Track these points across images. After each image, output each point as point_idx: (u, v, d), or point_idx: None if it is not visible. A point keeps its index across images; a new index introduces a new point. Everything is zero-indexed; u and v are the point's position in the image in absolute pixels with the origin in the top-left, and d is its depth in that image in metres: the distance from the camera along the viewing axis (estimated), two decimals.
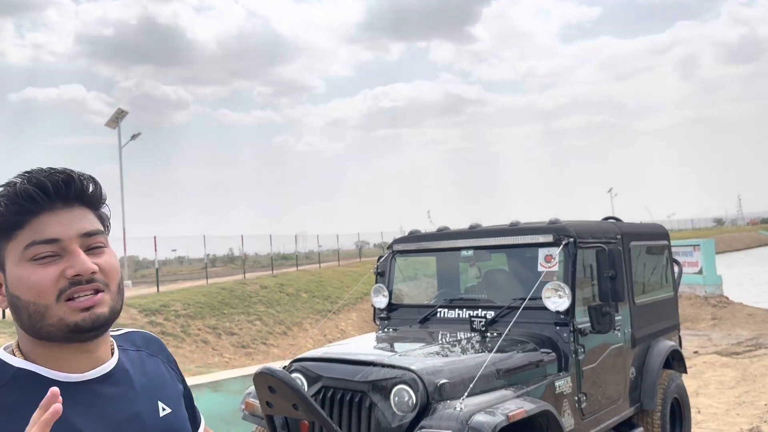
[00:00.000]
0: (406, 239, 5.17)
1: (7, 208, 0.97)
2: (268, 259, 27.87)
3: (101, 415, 0.99)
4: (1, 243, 0.98)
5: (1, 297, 1.00)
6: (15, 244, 0.97)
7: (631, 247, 5.01)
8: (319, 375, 3.59)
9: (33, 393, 0.94)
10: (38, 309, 0.97)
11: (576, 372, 4.05)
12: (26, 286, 0.97)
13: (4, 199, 0.97)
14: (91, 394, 1.00)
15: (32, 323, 0.98)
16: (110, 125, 23.34)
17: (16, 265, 0.97)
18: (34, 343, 1.00)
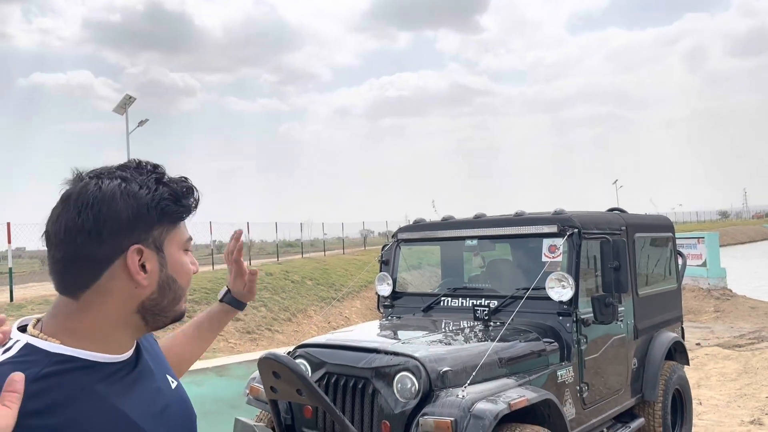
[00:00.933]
0: (411, 228, 5.19)
1: (187, 200, 1.07)
2: (274, 247, 27.94)
3: (135, 393, 1.05)
4: (167, 228, 1.05)
5: (142, 276, 1.01)
6: (178, 233, 1.08)
7: (635, 238, 5.02)
8: (323, 361, 3.63)
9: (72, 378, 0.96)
10: (181, 294, 1.09)
11: (578, 362, 4.07)
12: (184, 272, 1.09)
13: (185, 190, 1.07)
14: (122, 375, 1.05)
15: (169, 306, 1.07)
16: (118, 111, 23.37)
17: (178, 252, 1.08)
18: (100, 323, 1.01)
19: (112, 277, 1.00)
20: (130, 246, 1.00)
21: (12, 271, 12.84)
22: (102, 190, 0.99)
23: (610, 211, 5.28)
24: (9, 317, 3.37)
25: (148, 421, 1.03)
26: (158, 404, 1.08)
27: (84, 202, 0.98)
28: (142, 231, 1.01)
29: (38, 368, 0.93)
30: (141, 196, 1.01)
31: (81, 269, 0.99)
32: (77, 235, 0.98)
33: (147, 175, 1.04)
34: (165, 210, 1.03)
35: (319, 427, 3.59)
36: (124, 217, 0.99)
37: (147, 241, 1.02)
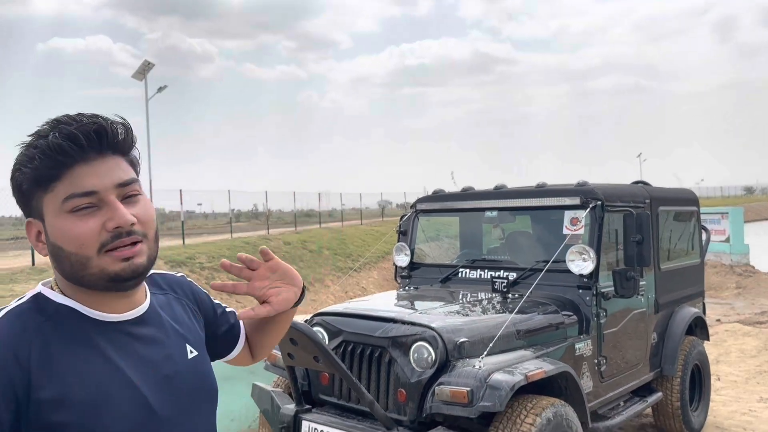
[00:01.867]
0: (430, 198, 5.14)
1: (41, 161, 0.98)
2: (292, 216, 28.05)
3: (136, 354, 1.05)
4: (38, 194, 1.00)
5: (41, 244, 1.03)
6: (52, 197, 0.99)
7: (659, 212, 4.93)
8: (340, 329, 3.63)
9: (73, 327, 1.01)
10: (80, 260, 1.00)
11: (597, 335, 4.03)
12: (68, 238, 0.99)
13: (37, 152, 0.98)
14: (126, 334, 1.05)
15: (74, 272, 1.01)
16: (137, 77, 23.39)
17: (56, 217, 0.99)
18: (74, 287, 1.04)
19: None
20: (28, 217, 1.03)
21: None
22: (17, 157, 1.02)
23: (634, 184, 5.18)
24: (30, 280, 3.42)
25: (146, 382, 1.03)
26: (165, 370, 1.07)
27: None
28: (27, 202, 1.02)
29: (42, 317, 0.99)
30: (22, 161, 1.00)
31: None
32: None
33: (35, 134, 1.01)
34: (18, 180, 1.01)
35: (335, 394, 3.62)
36: (17, 182, 1.02)
37: (32, 211, 1.02)
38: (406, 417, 3.26)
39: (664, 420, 4.90)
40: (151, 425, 1.02)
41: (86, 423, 0.95)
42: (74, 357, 0.98)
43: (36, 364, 0.94)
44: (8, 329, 0.96)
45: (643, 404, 4.50)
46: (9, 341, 0.95)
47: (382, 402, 3.36)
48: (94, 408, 0.96)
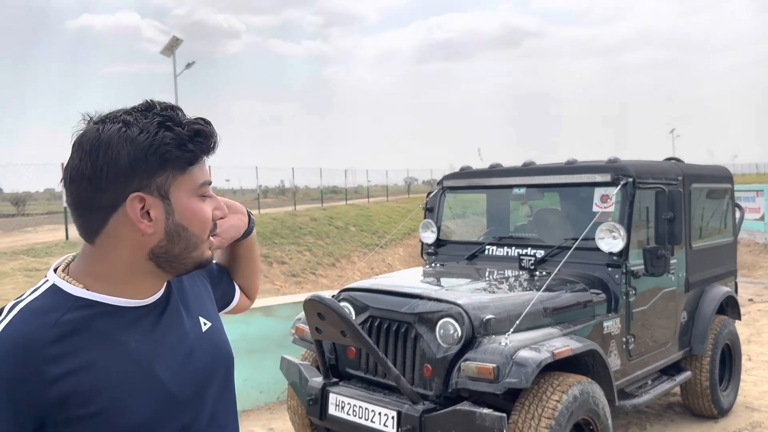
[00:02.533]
0: (457, 175, 5.11)
1: (198, 145, 1.01)
2: (318, 192, 28.20)
3: (154, 339, 1.05)
4: (173, 174, 1.00)
5: (146, 222, 0.99)
6: (189, 179, 1.02)
7: (692, 189, 4.83)
8: (367, 305, 3.66)
9: (92, 319, 0.99)
10: (196, 242, 1.04)
11: (626, 313, 4.00)
12: (198, 220, 1.04)
13: (192, 134, 1.00)
14: (144, 320, 1.05)
15: (183, 254, 1.04)
16: (165, 53, 23.54)
17: (189, 199, 1.02)
18: (117, 268, 1.02)
19: (119, 224, 0.99)
20: (131, 193, 0.97)
21: (67, 211, 13.31)
22: (101, 136, 0.96)
23: (666, 160, 5.08)
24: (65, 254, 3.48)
25: (166, 366, 1.04)
26: (182, 350, 1.08)
27: (83, 149, 0.97)
28: (143, 178, 0.98)
29: (59, 313, 0.96)
30: (139, 141, 0.96)
31: (88, 215, 1.00)
32: (79, 182, 0.97)
33: (151, 119, 0.99)
34: (165, 156, 0.98)
35: (362, 368, 3.66)
36: (121, 163, 0.96)
37: (149, 188, 0.98)
38: (431, 392, 3.28)
39: (693, 399, 4.86)
40: (171, 410, 1.03)
41: (111, 414, 0.96)
42: (96, 349, 0.97)
43: (56, 363, 0.93)
44: (26, 328, 0.94)
45: (671, 383, 4.47)
46: (26, 342, 0.93)
47: (407, 377, 3.38)
48: (119, 398, 0.97)
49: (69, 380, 0.93)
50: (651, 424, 4.87)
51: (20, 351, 0.91)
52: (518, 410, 3.12)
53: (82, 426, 0.95)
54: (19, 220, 18.97)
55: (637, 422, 4.90)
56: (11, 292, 8.70)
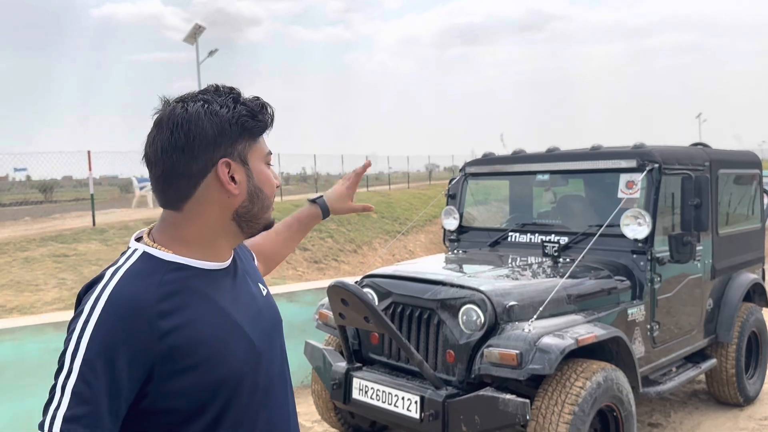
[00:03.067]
0: (480, 162, 5.09)
1: (264, 117, 1.17)
2: (339, 179, 28.20)
3: (234, 297, 1.18)
4: (249, 142, 1.15)
5: (233, 184, 1.13)
6: (259, 148, 1.17)
7: (719, 175, 4.76)
8: (390, 291, 3.68)
9: (187, 280, 1.11)
10: (269, 204, 1.20)
11: (650, 301, 3.97)
12: (269, 184, 1.19)
13: (261, 107, 1.16)
14: (225, 280, 1.18)
15: (259, 213, 1.19)
16: (188, 41, 23.65)
17: (260, 164, 1.18)
18: (203, 231, 1.14)
19: (207, 188, 1.12)
20: (219, 159, 1.11)
21: (93, 198, 13.54)
22: (189, 111, 1.10)
23: (693, 146, 5.00)
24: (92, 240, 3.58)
25: (246, 322, 1.17)
26: (254, 308, 1.22)
27: (175, 123, 1.09)
28: (227, 146, 1.12)
29: (159, 275, 1.08)
30: (222, 114, 1.11)
31: (180, 183, 1.11)
32: (172, 152, 1.09)
33: (225, 96, 1.13)
34: (245, 125, 1.13)
35: (385, 353, 3.69)
36: (210, 133, 1.10)
37: (233, 155, 1.13)
38: (454, 377, 3.30)
39: (718, 387, 4.82)
40: (255, 359, 1.17)
41: (211, 364, 1.08)
42: (195, 308, 1.08)
43: (164, 318, 1.04)
44: (132, 289, 1.04)
45: (696, 370, 4.43)
46: (136, 301, 1.03)
47: (430, 362, 3.41)
48: (217, 350, 1.09)
49: (176, 334, 1.04)
50: (675, 412, 4.84)
51: (133, 309, 1.02)
52: (541, 396, 3.13)
53: (185, 376, 1.05)
54: (46, 207, 19.33)
55: (661, 409, 4.88)
56: (41, 278, 8.90)
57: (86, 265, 9.70)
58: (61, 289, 8.49)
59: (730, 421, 4.63)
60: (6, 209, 18.89)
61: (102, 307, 1.02)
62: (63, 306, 7.76)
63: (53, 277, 8.98)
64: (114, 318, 1.01)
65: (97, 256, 10.29)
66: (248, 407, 1.15)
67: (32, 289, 8.43)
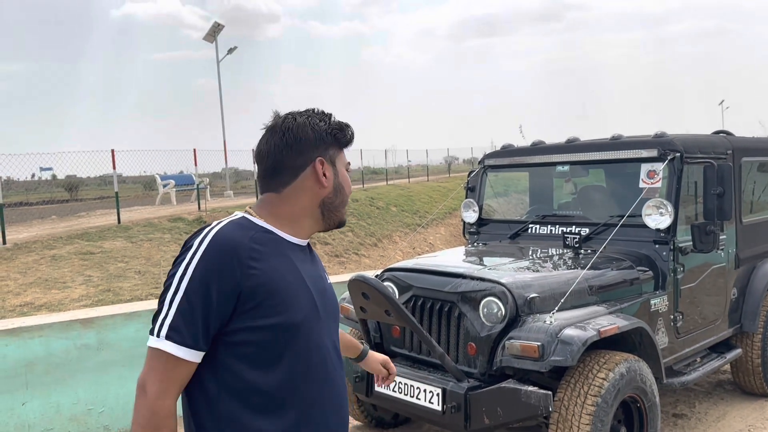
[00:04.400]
0: (499, 154, 5.08)
1: (349, 132, 1.51)
2: (359, 174, 28.28)
3: (307, 268, 1.47)
4: (336, 149, 1.50)
5: (325, 178, 1.46)
6: (342, 156, 1.52)
7: (742, 163, 4.69)
8: (410, 284, 3.70)
9: (273, 241, 1.41)
10: (346, 200, 1.53)
11: (674, 291, 3.94)
12: (348, 185, 1.54)
13: (344, 125, 1.50)
14: (302, 254, 1.48)
15: (339, 206, 1.51)
16: (208, 39, 23.81)
17: (342, 168, 1.52)
18: (295, 210, 1.46)
19: (305, 178, 1.45)
20: (317, 158, 1.45)
21: (118, 195, 13.73)
22: (297, 121, 1.46)
23: (715, 134, 4.94)
24: (117, 238, 3.67)
25: (314, 289, 1.44)
26: (322, 284, 1.50)
27: (287, 128, 1.45)
28: (323, 149, 1.47)
29: (253, 231, 1.38)
30: (321, 126, 1.47)
31: (286, 172, 1.45)
32: (283, 149, 1.44)
33: (322, 115, 1.49)
34: (336, 136, 1.49)
35: (406, 346, 3.71)
36: (312, 138, 1.45)
37: (326, 156, 1.47)
38: (476, 370, 3.31)
39: (744, 377, 4.77)
40: (316, 320, 1.42)
41: (283, 307, 1.35)
42: (276, 260, 1.37)
43: (253, 260, 1.33)
44: (232, 234, 1.35)
45: (721, 360, 4.39)
46: (234, 242, 1.33)
47: (452, 355, 3.42)
48: (289, 298, 1.36)
49: (262, 275, 1.33)
50: (700, 402, 4.80)
51: (231, 247, 1.32)
52: (564, 388, 3.13)
53: (262, 312, 1.32)
54: (72, 206, 19.65)
55: (685, 400, 4.84)
56: (68, 275, 9.07)
57: (112, 262, 9.86)
58: (87, 286, 8.65)
59: (757, 412, 4.58)
60: (33, 208, 19.25)
61: (207, 243, 1.32)
62: (90, 303, 7.91)
63: (80, 275, 9.14)
64: (215, 253, 1.30)
65: (123, 253, 10.45)
66: (308, 358, 1.40)
67: (60, 286, 8.60)
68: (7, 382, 3.96)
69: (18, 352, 4.02)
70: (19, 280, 8.73)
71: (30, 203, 21.66)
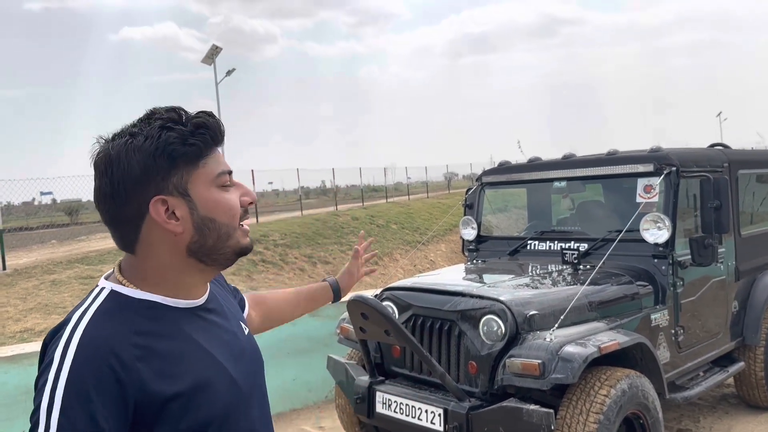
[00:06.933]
0: (496, 171, 5.09)
1: (202, 137, 1.04)
2: (359, 192, 28.34)
3: (213, 335, 1.10)
4: (186, 170, 1.03)
5: (174, 222, 1.02)
6: (204, 172, 1.04)
7: (739, 175, 4.70)
8: (410, 303, 3.69)
9: (161, 319, 1.04)
10: (228, 231, 1.07)
11: (674, 305, 3.93)
12: (223, 209, 1.06)
13: (194, 128, 1.03)
14: (202, 318, 1.10)
15: (217, 245, 1.07)
16: (206, 62, 24.03)
17: (208, 190, 1.05)
18: (163, 272, 1.06)
19: (150, 230, 1.03)
20: (151, 199, 1.01)
21: None
22: (110, 153, 1.01)
23: (711, 146, 4.96)
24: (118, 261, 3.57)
25: (228, 361, 1.09)
26: (236, 347, 1.14)
27: (99, 169, 1.02)
28: (158, 181, 1.01)
29: (131, 314, 1.00)
30: (145, 148, 1.00)
31: (121, 229, 1.05)
32: (104, 200, 1.03)
33: (152, 124, 1.02)
34: (173, 155, 1.01)
35: (407, 366, 3.69)
36: (134, 173, 1.00)
37: (167, 189, 1.02)
38: (477, 389, 3.30)
39: (747, 390, 4.74)
40: (239, 400, 1.09)
41: (197, 407, 1.00)
42: (173, 348, 1.01)
43: (141, 359, 0.96)
44: (104, 331, 0.97)
45: (724, 374, 4.36)
46: (109, 344, 0.95)
47: (452, 374, 3.41)
48: (201, 392, 1.01)
49: (155, 376, 0.97)
50: (704, 417, 4.77)
51: (107, 353, 0.94)
52: (566, 406, 3.11)
53: (169, 419, 0.98)
54: (72, 230, 19.68)
55: (690, 415, 4.81)
56: (68, 300, 9.06)
57: None
58: None
59: (762, 425, 4.55)
60: (33, 233, 19.26)
61: (73, 353, 0.93)
62: None
63: (80, 299, 9.12)
64: (87, 365, 0.92)
65: None
66: None
67: (60, 311, 8.58)
68: (7, 409, 3.94)
69: (18, 379, 4.01)
70: (20, 306, 8.71)
71: (30, 228, 21.68)
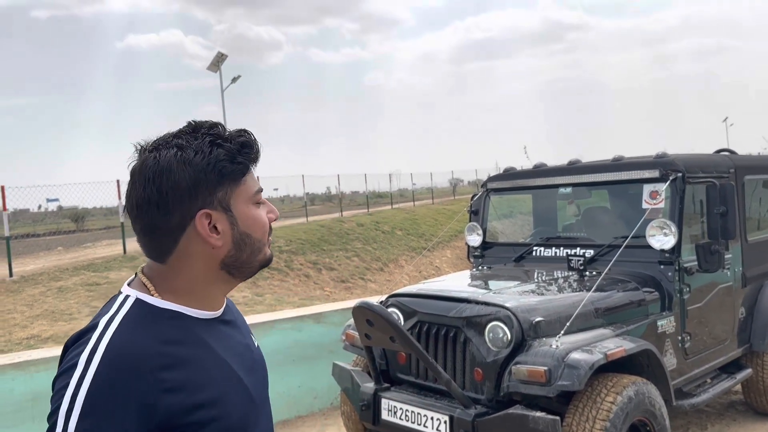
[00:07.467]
0: (501, 177, 5.09)
1: (247, 156, 1.08)
2: (364, 198, 28.37)
3: (229, 346, 1.12)
4: (230, 187, 1.07)
5: (215, 235, 1.06)
6: (242, 190, 1.08)
7: (745, 181, 4.69)
8: (415, 310, 3.69)
9: (184, 329, 1.05)
10: (260, 246, 1.12)
11: (680, 311, 3.91)
12: (258, 225, 1.11)
13: (240, 147, 1.07)
14: (219, 330, 1.13)
15: (249, 258, 1.11)
16: (212, 69, 24.12)
17: (247, 207, 1.09)
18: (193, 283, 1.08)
19: (189, 242, 1.05)
20: (197, 212, 1.04)
21: (124, 226, 13.80)
22: (159, 163, 1.02)
23: (718, 152, 4.95)
24: (123, 268, 3.70)
25: (244, 373, 1.12)
26: (249, 359, 1.17)
27: (146, 177, 1.02)
28: (205, 195, 1.04)
29: (158, 324, 1.02)
30: (197, 162, 1.03)
31: (159, 238, 1.05)
32: (147, 208, 1.03)
33: (201, 139, 1.05)
34: (222, 171, 1.04)
35: (412, 373, 3.69)
36: (184, 185, 1.02)
37: (212, 204, 1.05)
38: (483, 396, 3.29)
39: (755, 397, 4.71)
40: (253, 411, 1.11)
41: (218, 417, 1.02)
42: (197, 358, 1.03)
43: (168, 369, 0.98)
44: (132, 339, 0.98)
45: (731, 381, 4.34)
46: (136, 352, 0.96)
47: (458, 381, 3.40)
48: (221, 403, 1.03)
49: (180, 387, 0.98)
50: (712, 424, 4.74)
51: (135, 362, 0.95)
52: (572, 413, 3.10)
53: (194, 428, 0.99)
54: (78, 236, 19.76)
55: (697, 422, 4.78)
56: (75, 307, 9.08)
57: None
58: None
59: None
60: (40, 239, 19.34)
61: (99, 360, 0.94)
62: None
63: (86, 306, 9.15)
64: (113, 371, 0.93)
65: None
66: None
67: (66, 318, 8.61)
68: (14, 416, 3.95)
69: (25, 386, 4.02)
70: (26, 313, 8.75)
71: (37, 234, 21.79)
